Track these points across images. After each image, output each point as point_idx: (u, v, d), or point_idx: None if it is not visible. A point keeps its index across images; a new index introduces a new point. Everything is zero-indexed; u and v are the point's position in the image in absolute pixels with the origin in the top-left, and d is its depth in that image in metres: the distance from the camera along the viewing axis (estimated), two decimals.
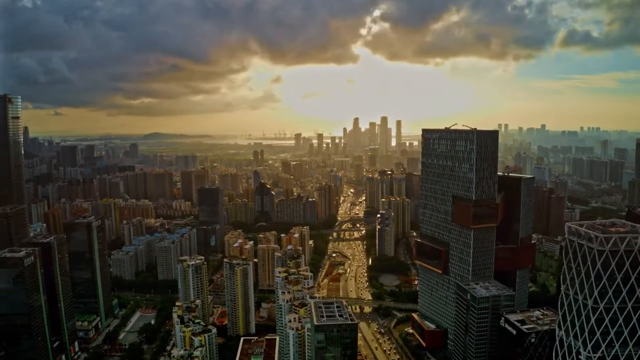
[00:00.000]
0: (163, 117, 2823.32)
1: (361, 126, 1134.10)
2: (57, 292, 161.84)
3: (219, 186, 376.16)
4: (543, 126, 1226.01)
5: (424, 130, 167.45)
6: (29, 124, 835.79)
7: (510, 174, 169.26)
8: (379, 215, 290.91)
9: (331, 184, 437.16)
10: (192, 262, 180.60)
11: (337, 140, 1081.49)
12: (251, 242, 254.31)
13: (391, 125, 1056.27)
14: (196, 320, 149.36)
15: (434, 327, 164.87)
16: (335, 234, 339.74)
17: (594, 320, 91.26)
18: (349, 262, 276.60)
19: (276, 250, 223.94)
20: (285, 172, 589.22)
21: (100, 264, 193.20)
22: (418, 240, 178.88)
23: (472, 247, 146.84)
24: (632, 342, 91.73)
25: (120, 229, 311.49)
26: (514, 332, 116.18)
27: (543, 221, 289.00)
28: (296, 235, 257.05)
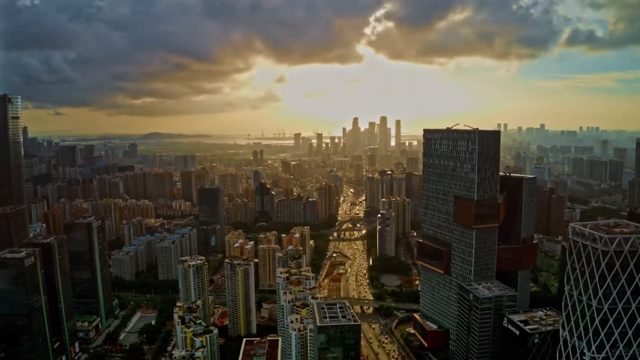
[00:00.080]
0: (163, 117, 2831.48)
1: (360, 126, 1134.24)
2: (58, 292, 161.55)
3: (219, 186, 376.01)
4: (542, 126, 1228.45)
5: (426, 131, 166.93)
6: (28, 124, 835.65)
7: (511, 174, 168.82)
8: (379, 215, 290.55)
9: (331, 183, 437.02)
10: (193, 263, 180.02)
11: (337, 140, 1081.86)
12: (252, 242, 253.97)
13: (390, 125, 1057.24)
14: (197, 320, 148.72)
15: (436, 327, 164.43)
16: (335, 234, 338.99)
17: (598, 321, 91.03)
18: (350, 262, 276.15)
19: (277, 250, 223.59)
20: (285, 172, 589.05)
21: (100, 264, 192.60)
22: (420, 240, 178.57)
23: (474, 247, 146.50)
24: (636, 343, 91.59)
25: (120, 229, 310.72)
26: (517, 333, 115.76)
27: (543, 221, 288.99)
28: (297, 236, 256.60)
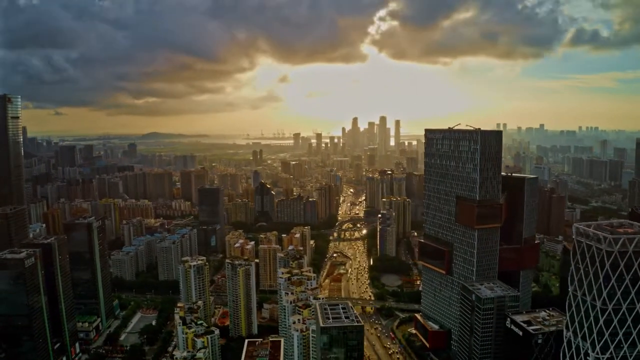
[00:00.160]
0: (163, 117, 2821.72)
1: (360, 126, 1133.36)
2: (58, 293, 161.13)
3: (219, 186, 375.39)
4: (542, 126, 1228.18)
5: (427, 131, 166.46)
6: (27, 124, 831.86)
7: (513, 174, 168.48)
8: (380, 215, 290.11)
9: (331, 183, 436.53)
10: (193, 263, 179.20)
11: (336, 140, 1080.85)
12: (252, 243, 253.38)
13: (390, 125, 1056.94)
14: (198, 321, 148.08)
15: (438, 327, 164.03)
16: (335, 234, 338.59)
17: (602, 322, 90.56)
18: (350, 262, 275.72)
19: (277, 250, 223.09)
20: (284, 172, 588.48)
21: (101, 265, 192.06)
22: (421, 240, 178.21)
23: (476, 247, 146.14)
24: None
25: (120, 229, 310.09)
26: (520, 333, 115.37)
27: (544, 221, 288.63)
28: (297, 236, 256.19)
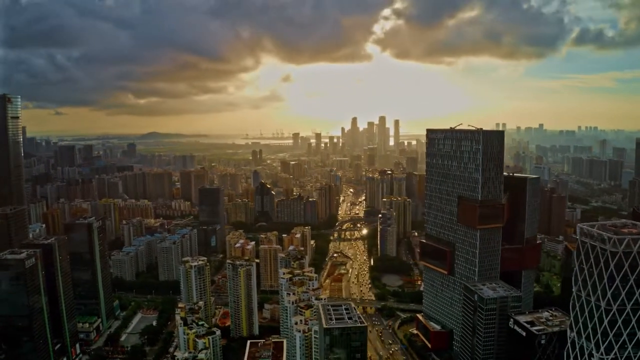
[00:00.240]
0: (163, 117, 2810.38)
1: (359, 126, 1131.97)
2: (58, 293, 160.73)
3: (220, 186, 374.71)
4: (541, 125, 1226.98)
5: (429, 130, 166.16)
6: (27, 124, 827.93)
7: (515, 174, 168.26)
8: (380, 215, 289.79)
9: (331, 183, 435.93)
10: (194, 263, 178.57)
11: (336, 140, 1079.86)
12: (253, 243, 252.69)
13: (389, 125, 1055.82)
14: (200, 322, 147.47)
15: (439, 328, 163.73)
16: (336, 234, 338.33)
17: (606, 322, 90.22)
18: (351, 262, 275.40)
19: (278, 250, 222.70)
20: (284, 171, 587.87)
21: (101, 265, 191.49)
22: (423, 240, 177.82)
23: (478, 247, 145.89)
24: None
25: (119, 229, 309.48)
26: (524, 334, 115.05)
27: (545, 221, 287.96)
28: (298, 236, 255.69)
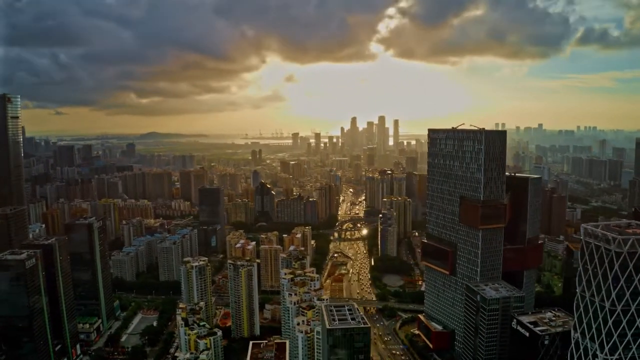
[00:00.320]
0: (163, 117, 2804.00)
1: (359, 125, 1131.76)
2: (59, 294, 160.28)
3: (220, 186, 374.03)
4: (540, 125, 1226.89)
5: (431, 130, 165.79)
6: (26, 124, 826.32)
7: (516, 174, 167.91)
8: (381, 215, 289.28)
9: (331, 183, 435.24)
10: (195, 264, 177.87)
11: (335, 140, 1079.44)
12: (253, 243, 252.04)
13: (389, 125, 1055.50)
14: (201, 322, 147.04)
15: (441, 328, 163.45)
16: (336, 234, 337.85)
17: (611, 323, 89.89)
18: (351, 262, 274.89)
19: (279, 251, 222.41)
20: (283, 171, 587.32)
21: (101, 265, 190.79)
22: (424, 241, 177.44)
23: (480, 247, 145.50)
24: None
25: (119, 229, 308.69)
26: (527, 334, 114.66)
27: (545, 221, 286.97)
28: (298, 236, 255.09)
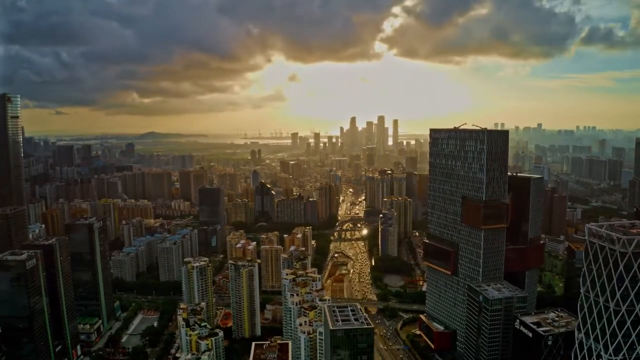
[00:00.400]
0: (163, 117, 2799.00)
1: (358, 125, 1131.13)
2: (59, 294, 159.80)
3: (220, 186, 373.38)
4: (539, 125, 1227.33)
5: (432, 130, 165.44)
6: (25, 124, 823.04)
7: (518, 174, 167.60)
8: (381, 215, 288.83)
9: (331, 183, 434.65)
10: (196, 264, 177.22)
11: (334, 140, 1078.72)
12: (254, 243, 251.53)
13: (388, 125, 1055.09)
14: (202, 323, 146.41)
15: (443, 328, 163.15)
16: (336, 234, 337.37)
17: (615, 323, 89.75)
18: (352, 262, 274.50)
19: (280, 251, 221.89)
20: (283, 171, 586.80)
21: (102, 266, 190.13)
22: (426, 241, 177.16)
23: (482, 247, 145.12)
24: None
25: (119, 229, 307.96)
26: (530, 335, 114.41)
27: (545, 221, 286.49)
28: (299, 236, 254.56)
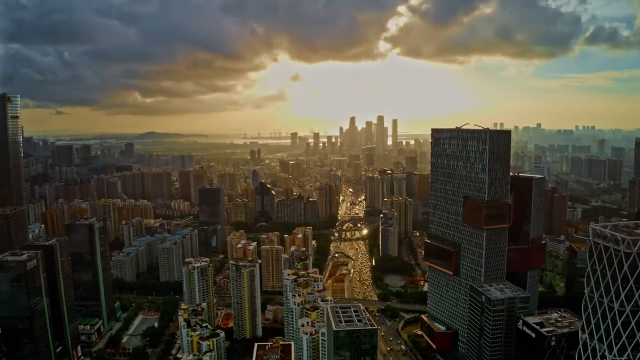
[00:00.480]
0: (163, 116, 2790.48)
1: (357, 125, 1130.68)
2: (60, 295, 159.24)
3: (220, 186, 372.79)
4: (539, 125, 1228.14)
5: (434, 130, 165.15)
6: (25, 124, 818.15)
7: (520, 174, 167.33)
8: (382, 215, 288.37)
9: (331, 183, 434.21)
10: (197, 264, 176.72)
11: (334, 140, 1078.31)
12: (254, 243, 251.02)
13: (387, 124, 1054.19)
14: (203, 324, 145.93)
15: (444, 328, 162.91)
16: (336, 234, 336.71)
17: (620, 324, 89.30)
18: (352, 262, 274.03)
19: (280, 251, 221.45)
20: (283, 171, 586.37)
21: (102, 266, 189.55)
22: (427, 241, 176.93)
23: (484, 248, 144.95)
24: None
25: (119, 229, 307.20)
26: (533, 335, 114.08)
27: (546, 220, 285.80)
28: (299, 236, 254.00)
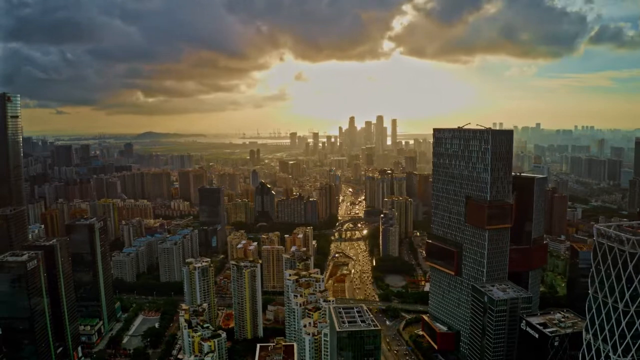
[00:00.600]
0: (163, 116, 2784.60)
1: (357, 125, 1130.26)
2: (60, 295, 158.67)
3: (220, 186, 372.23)
4: (538, 125, 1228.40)
5: (436, 130, 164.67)
6: (25, 124, 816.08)
7: (522, 174, 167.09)
8: (382, 215, 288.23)
9: (331, 183, 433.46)
10: (198, 265, 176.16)
11: (333, 139, 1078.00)
12: (255, 243, 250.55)
13: (387, 124, 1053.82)
14: (205, 324, 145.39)
15: (446, 329, 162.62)
16: (337, 234, 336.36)
17: (624, 324, 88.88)
18: (353, 262, 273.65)
19: (281, 251, 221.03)
20: (282, 171, 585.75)
21: (102, 267, 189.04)
22: (429, 241, 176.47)
23: (486, 248, 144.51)
24: None
25: (119, 229, 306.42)
26: (536, 336, 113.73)
27: (546, 220, 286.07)
28: (300, 236, 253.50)
